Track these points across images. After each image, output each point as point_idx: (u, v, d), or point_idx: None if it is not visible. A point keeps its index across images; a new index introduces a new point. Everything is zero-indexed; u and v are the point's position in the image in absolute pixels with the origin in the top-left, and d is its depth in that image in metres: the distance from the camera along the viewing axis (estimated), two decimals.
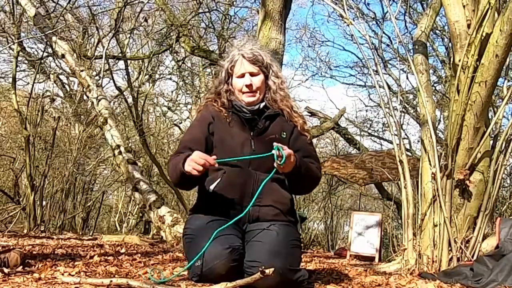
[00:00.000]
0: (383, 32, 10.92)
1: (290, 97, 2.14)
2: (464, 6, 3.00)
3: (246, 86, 2.02)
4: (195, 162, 1.77)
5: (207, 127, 2.02)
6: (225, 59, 2.14)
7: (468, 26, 2.96)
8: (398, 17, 8.07)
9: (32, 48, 10.35)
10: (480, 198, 2.87)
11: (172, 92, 13.92)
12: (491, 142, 3.13)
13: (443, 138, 4.63)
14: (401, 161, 3.18)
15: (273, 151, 1.79)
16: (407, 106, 10.06)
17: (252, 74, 2.05)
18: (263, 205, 1.93)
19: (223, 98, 2.08)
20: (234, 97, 2.08)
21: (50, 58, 9.21)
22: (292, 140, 2.03)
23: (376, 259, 5.78)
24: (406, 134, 10.90)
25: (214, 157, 1.81)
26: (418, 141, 10.49)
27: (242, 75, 2.04)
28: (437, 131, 4.97)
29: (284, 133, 2.02)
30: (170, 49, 8.66)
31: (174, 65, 11.07)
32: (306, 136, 2.07)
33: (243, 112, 2.03)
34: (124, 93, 9.68)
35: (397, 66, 10.75)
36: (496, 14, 2.88)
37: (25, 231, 6.63)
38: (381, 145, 12.07)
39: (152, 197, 5.19)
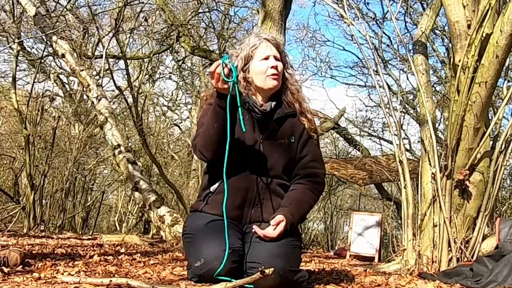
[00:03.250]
0: (383, 32, 10.96)
1: (302, 90, 2.08)
2: (464, 7, 2.99)
3: (272, 67, 1.94)
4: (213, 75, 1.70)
5: None
6: (240, 46, 2.04)
7: (468, 26, 2.95)
8: (398, 17, 8.06)
9: (32, 47, 10.35)
10: (480, 198, 2.87)
11: (172, 92, 13.95)
12: (491, 142, 3.13)
13: (443, 138, 4.63)
14: (401, 161, 3.18)
15: None
16: (407, 106, 10.07)
17: (275, 59, 1.98)
18: (266, 209, 1.93)
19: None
20: (247, 92, 1.97)
21: (50, 58, 9.20)
22: (300, 144, 1.98)
23: (376, 259, 5.79)
24: (406, 134, 10.90)
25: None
26: (418, 141, 10.50)
27: (267, 57, 1.96)
28: (437, 131, 4.97)
29: (293, 138, 1.97)
30: (170, 49, 8.65)
31: (174, 65, 11.09)
32: (313, 136, 2.03)
33: (254, 112, 1.96)
34: (124, 92, 9.68)
35: (397, 66, 10.78)
36: (496, 15, 2.88)
37: (24, 231, 6.64)
38: (381, 145, 12.07)
39: (152, 197, 5.19)
